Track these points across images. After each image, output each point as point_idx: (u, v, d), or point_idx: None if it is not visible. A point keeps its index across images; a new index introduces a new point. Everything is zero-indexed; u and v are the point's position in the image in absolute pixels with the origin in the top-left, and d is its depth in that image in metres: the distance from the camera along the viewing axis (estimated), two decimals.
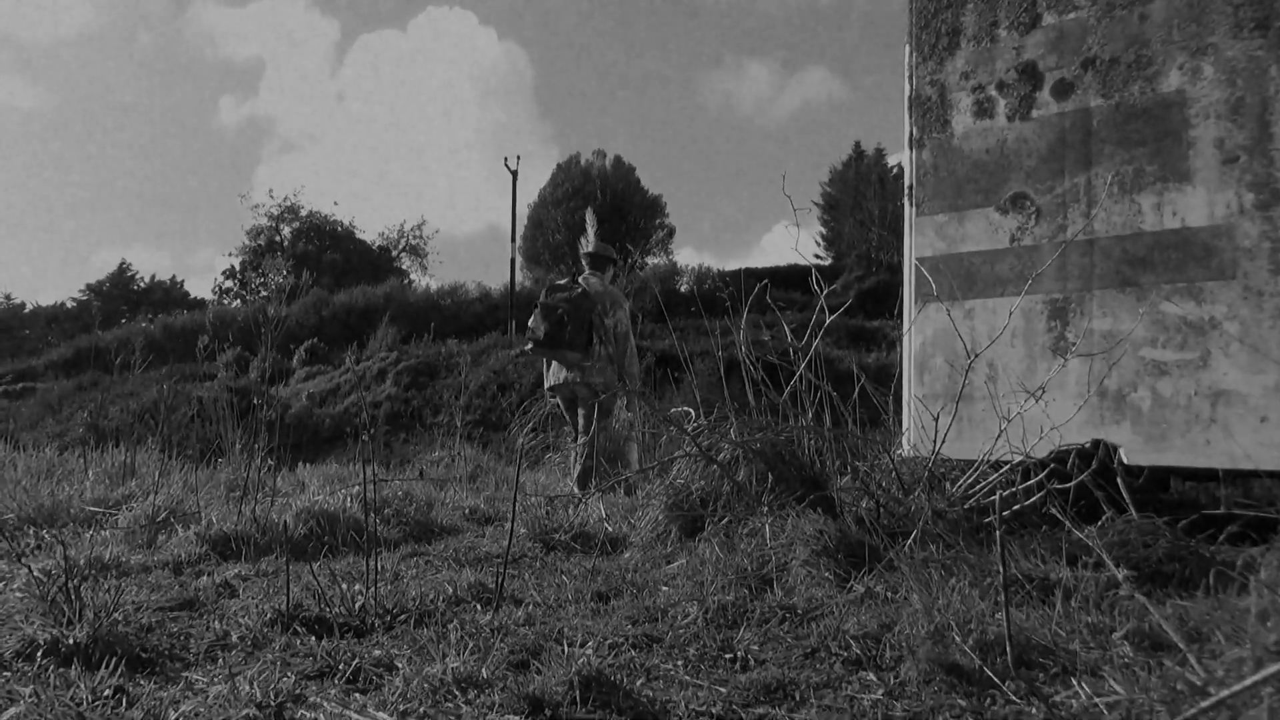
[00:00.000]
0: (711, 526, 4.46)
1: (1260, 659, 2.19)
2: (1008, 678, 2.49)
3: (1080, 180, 5.17)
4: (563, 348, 7.42)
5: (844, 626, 2.99)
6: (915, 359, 5.69)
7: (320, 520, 5.48)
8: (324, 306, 23.38)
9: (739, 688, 2.56)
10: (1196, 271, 4.81)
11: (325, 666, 2.63)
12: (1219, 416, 4.70)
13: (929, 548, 3.80)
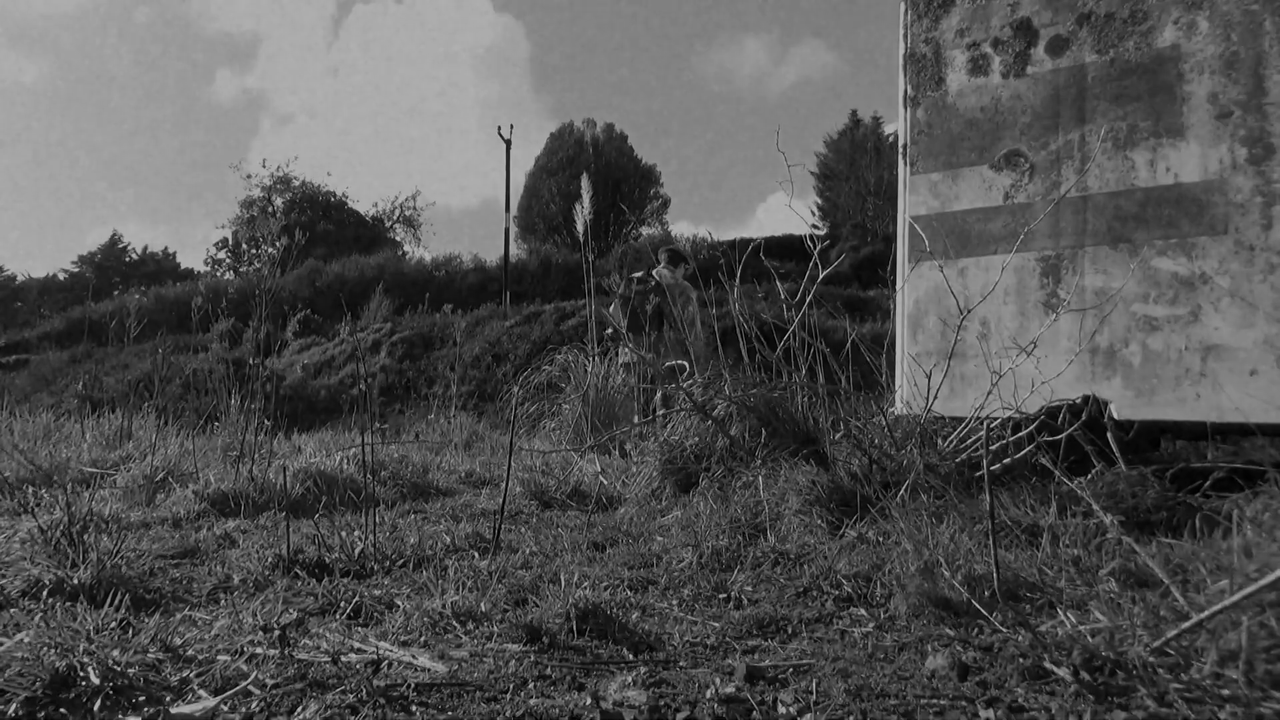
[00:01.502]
0: (706, 480, 4.51)
1: (1242, 587, 2.24)
2: (995, 610, 2.54)
3: (1074, 137, 5.17)
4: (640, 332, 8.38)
5: (835, 567, 3.05)
6: (909, 317, 5.72)
7: (318, 480, 5.52)
8: (318, 277, 23.31)
9: (733, 623, 2.61)
10: (1188, 227, 4.83)
11: (327, 604, 2.67)
12: (1209, 370, 4.75)
13: (920, 498, 3.85)
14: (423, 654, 2.15)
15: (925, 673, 2.16)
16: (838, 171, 25.23)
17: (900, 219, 5.80)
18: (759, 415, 4.87)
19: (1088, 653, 2.14)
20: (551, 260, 23.42)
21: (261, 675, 1.88)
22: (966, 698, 1.98)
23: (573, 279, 21.74)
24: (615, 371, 8.51)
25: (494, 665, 2.10)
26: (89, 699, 1.69)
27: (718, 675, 2.07)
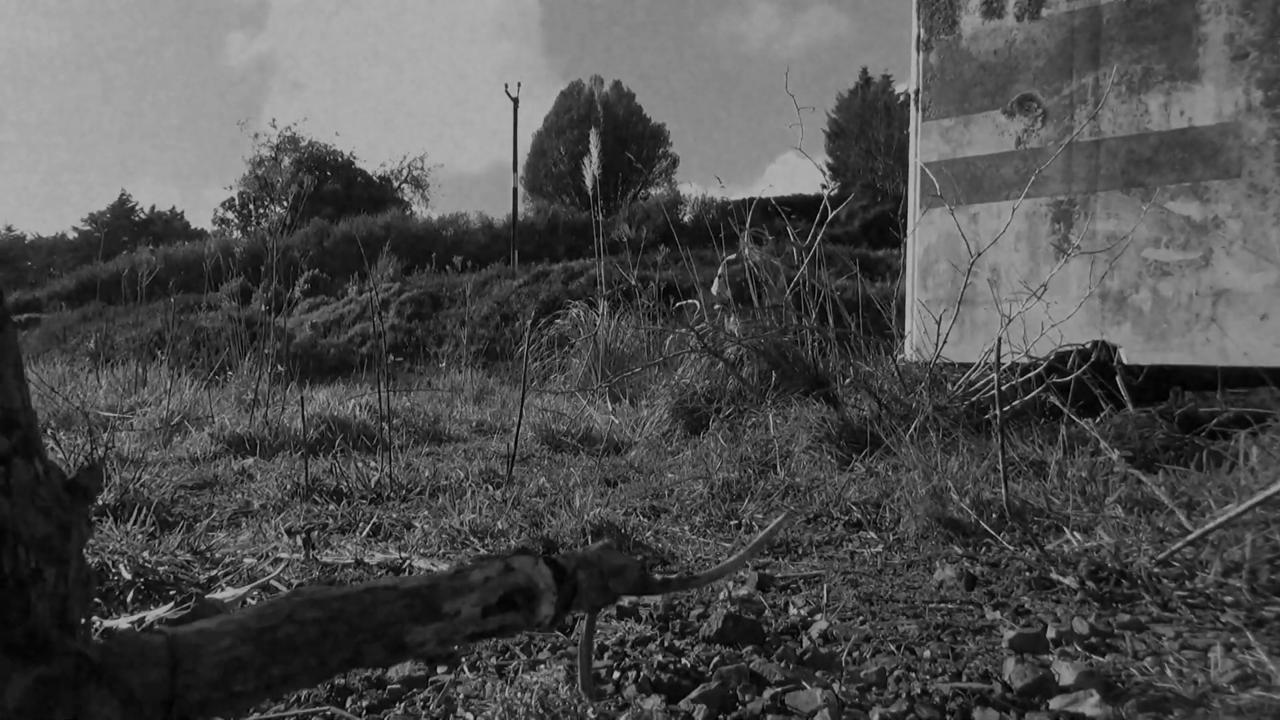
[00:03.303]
0: (716, 421, 4.56)
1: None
2: (1002, 530, 2.59)
3: (1088, 80, 5.13)
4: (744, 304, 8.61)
5: (845, 495, 3.09)
6: (919, 264, 5.72)
7: (331, 425, 5.58)
8: (325, 237, 23.28)
9: (744, 544, 2.66)
10: (1202, 171, 4.80)
11: (346, 524, 2.73)
12: (1219, 315, 4.75)
13: (929, 435, 3.88)
14: (442, 564, 2.20)
15: (933, 583, 2.21)
16: (848, 130, 24.99)
17: (911, 165, 5.78)
18: (769, 358, 4.90)
19: (1094, 564, 2.19)
20: (559, 219, 23.34)
21: (287, 575, 1.93)
22: (974, 602, 2.03)
23: (581, 238, 21.67)
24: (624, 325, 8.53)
25: None
26: (121, 592, 1.74)
27: (730, 582, 2.12)
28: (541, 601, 0.57)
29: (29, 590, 0.43)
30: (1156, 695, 1.47)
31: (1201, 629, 1.85)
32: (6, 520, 0.42)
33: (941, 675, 1.54)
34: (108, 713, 0.41)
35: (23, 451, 0.44)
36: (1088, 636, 1.76)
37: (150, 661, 0.43)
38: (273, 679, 0.46)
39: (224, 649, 0.45)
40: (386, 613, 0.50)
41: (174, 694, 0.43)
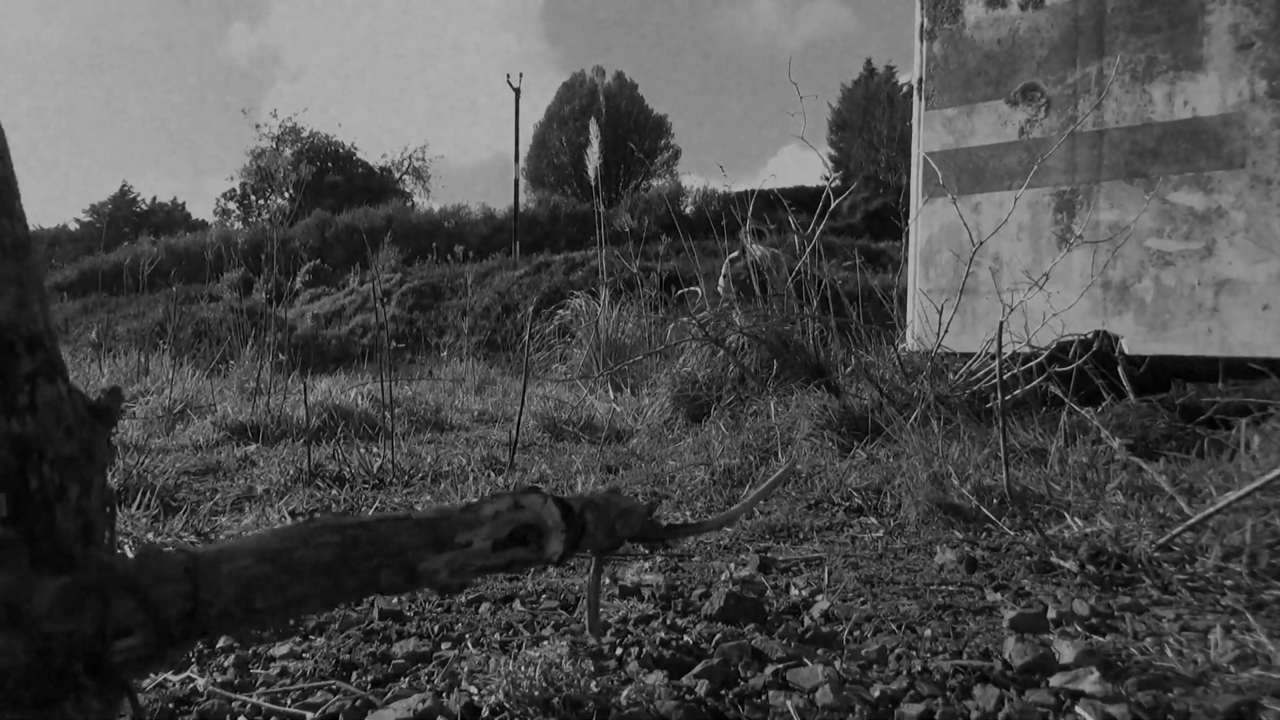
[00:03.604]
0: (717, 409, 4.57)
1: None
2: (1003, 516, 2.59)
3: (1092, 70, 5.12)
4: (748, 296, 8.65)
5: (846, 481, 3.10)
6: (921, 254, 5.72)
7: (333, 414, 5.59)
8: (327, 228, 23.27)
9: (745, 529, 2.67)
10: (1205, 161, 4.80)
11: (349, 508, 2.74)
12: (1221, 306, 4.75)
13: (930, 424, 3.88)
14: None
15: (934, 567, 2.22)
16: (851, 122, 24.93)
17: (914, 154, 5.77)
18: (770, 347, 4.90)
19: (1094, 549, 2.20)
20: (561, 210, 23.32)
21: None
22: (974, 585, 2.04)
23: (582, 229, 21.66)
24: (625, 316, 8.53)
25: None
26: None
27: (732, 563, 2.13)
28: (550, 538, 0.58)
29: (54, 507, 0.44)
30: (1156, 674, 1.48)
31: (1201, 612, 1.85)
32: (32, 438, 0.43)
33: (942, 653, 1.54)
34: (133, 621, 0.42)
35: (46, 372, 0.45)
36: (1088, 618, 1.77)
37: (172, 575, 0.44)
38: (291, 598, 0.47)
39: (243, 567, 0.46)
40: (400, 541, 0.51)
41: (196, 606, 0.43)
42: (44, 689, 0.39)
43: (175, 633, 0.43)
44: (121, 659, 0.41)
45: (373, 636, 1.56)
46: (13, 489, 0.43)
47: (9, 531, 0.42)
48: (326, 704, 1.27)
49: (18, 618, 0.38)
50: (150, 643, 0.42)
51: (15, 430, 0.43)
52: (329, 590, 0.48)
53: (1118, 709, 1.33)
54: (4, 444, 0.42)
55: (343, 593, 0.49)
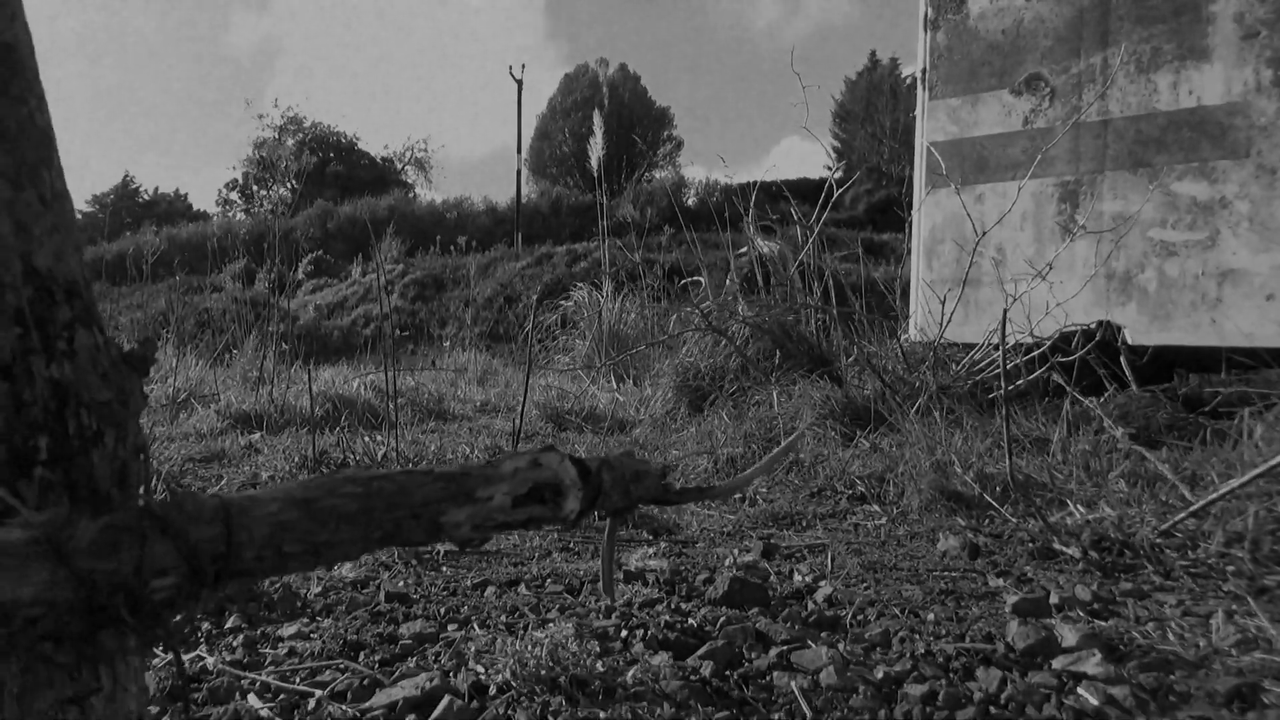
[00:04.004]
0: (720, 399, 4.57)
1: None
2: (1006, 503, 2.60)
3: (1097, 60, 5.11)
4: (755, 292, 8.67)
5: (849, 469, 3.11)
6: (924, 244, 5.71)
7: (336, 403, 5.61)
8: (329, 219, 23.25)
9: (749, 516, 2.68)
10: (1209, 151, 4.79)
11: None
12: (1224, 296, 4.75)
13: (933, 414, 3.89)
14: None
15: (937, 553, 2.23)
16: (854, 114, 24.88)
17: (918, 144, 5.76)
18: (773, 337, 4.90)
19: (1097, 535, 2.20)
20: (563, 202, 23.29)
21: None
22: (977, 571, 2.04)
23: (584, 221, 21.63)
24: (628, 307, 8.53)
25: (518, 540, 2.17)
26: None
27: (735, 550, 2.14)
28: (567, 497, 0.59)
29: (92, 451, 0.45)
30: (1158, 657, 1.49)
31: (1203, 597, 1.86)
32: (70, 383, 0.44)
33: (945, 637, 1.55)
34: (168, 561, 0.43)
35: (83, 320, 0.46)
36: (1090, 603, 1.78)
37: (206, 518, 0.45)
38: (319, 544, 0.48)
39: (273, 513, 0.47)
40: (423, 494, 0.52)
41: (228, 548, 0.45)
42: (87, 622, 0.41)
43: (209, 573, 0.44)
44: (159, 597, 0.43)
45: (379, 618, 1.57)
46: (52, 433, 0.45)
47: (49, 474, 0.44)
48: (335, 682, 1.28)
49: (60, 554, 0.40)
50: (185, 583, 0.44)
51: (54, 375, 0.44)
52: (355, 538, 0.49)
53: (1120, 690, 1.34)
54: (44, 388, 0.44)
55: (368, 542, 0.50)
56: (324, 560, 0.49)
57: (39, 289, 0.43)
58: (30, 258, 0.43)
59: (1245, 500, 2.30)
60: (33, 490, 0.43)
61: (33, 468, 0.46)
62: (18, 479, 0.44)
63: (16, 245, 0.43)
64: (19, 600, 0.40)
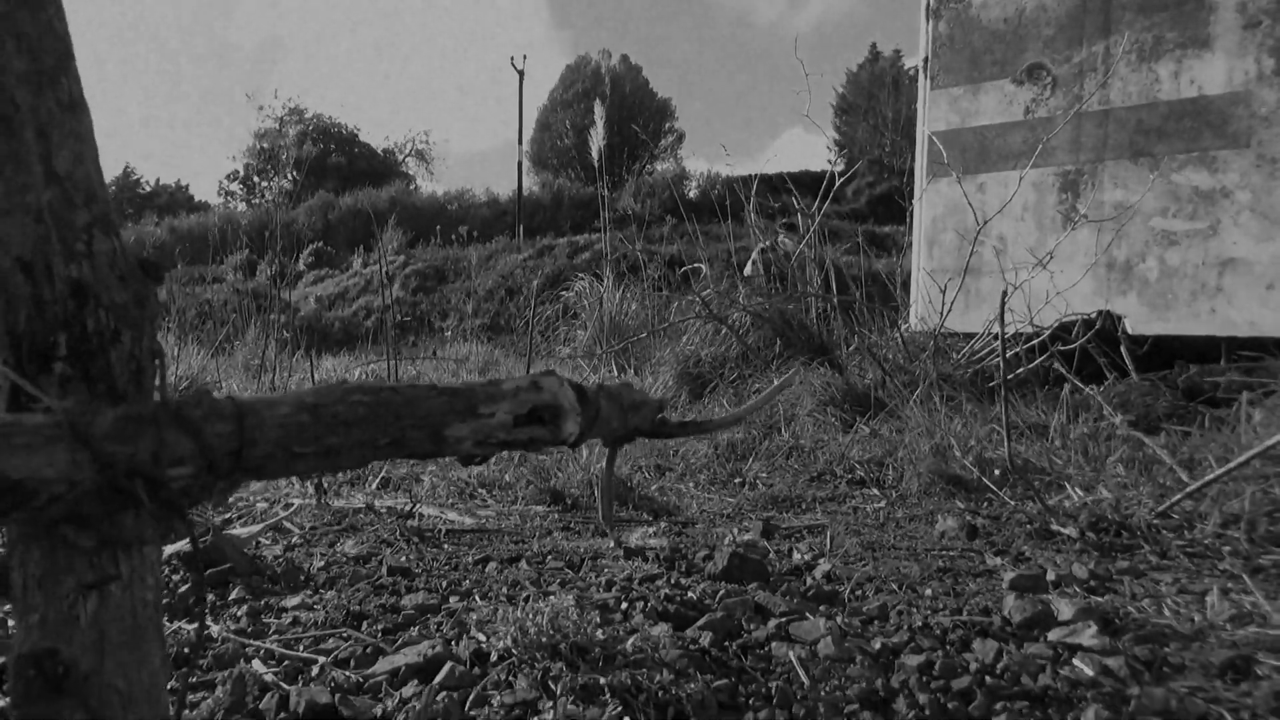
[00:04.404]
0: (720, 386, 4.59)
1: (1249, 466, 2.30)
2: (1004, 486, 2.61)
3: (1098, 49, 5.10)
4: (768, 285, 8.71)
5: (849, 454, 3.12)
6: (925, 234, 5.72)
7: None
8: (330, 210, 23.23)
9: (748, 499, 2.69)
10: (1211, 140, 4.79)
11: (355, 477, 2.76)
12: (1225, 285, 4.75)
13: (933, 400, 3.90)
14: (450, 511, 2.24)
15: (935, 534, 2.24)
16: (855, 106, 24.82)
17: (919, 134, 5.77)
18: (774, 325, 4.91)
19: (1094, 516, 2.21)
20: (564, 194, 23.25)
21: (300, 519, 1.97)
22: (975, 551, 2.06)
23: (586, 213, 21.60)
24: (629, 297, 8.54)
25: (520, 520, 2.18)
26: None
27: (735, 528, 2.16)
28: (566, 419, 0.60)
29: (110, 349, 0.47)
30: (1153, 630, 1.50)
31: (1199, 576, 1.88)
32: (89, 284, 0.46)
33: (942, 610, 1.57)
34: (185, 452, 0.44)
35: (101, 225, 0.47)
36: (1087, 580, 1.79)
37: (220, 415, 0.47)
38: (328, 447, 0.49)
39: (285, 415, 0.49)
40: (428, 406, 0.53)
41: (241, 445, 0.46)
42: (108, 505, 0.43)
43: (223, 467, 0.46)
44: (176, 486, 0.44)
45: (381, 590, 1.59)
46: (71, 330, 0.46)
47: (68, 369, 0.45)
48: (338, 650, 1.29)
49: (82, 438, 0.41)
50: (201, 474, 0.45)
51: (74, 275, 0.46)
52: (362, 444, 0.51)
53: (1114, 661, 1.35)
54: (63, 288, 0.45)
55: (375, 449, 0.51)
56: (333, 464, 0.51)
57: (59, 191, 0.45)
58: (50, 160, 0.45)
59: (1242, 483, 2.31)
60: (53, 384, 0.45)
61: (53, 363, 0.48)
62: (39, 373, 0.46)
63: (37, 148, 0.45)
64: (44, 478, 0.42)
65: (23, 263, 0.47)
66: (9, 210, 0.44)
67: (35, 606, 0.46)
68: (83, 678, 0.47)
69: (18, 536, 0.45)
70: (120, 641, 0.48)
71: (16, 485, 0.41)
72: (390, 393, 0.52)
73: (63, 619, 0.47)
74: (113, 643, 0.48)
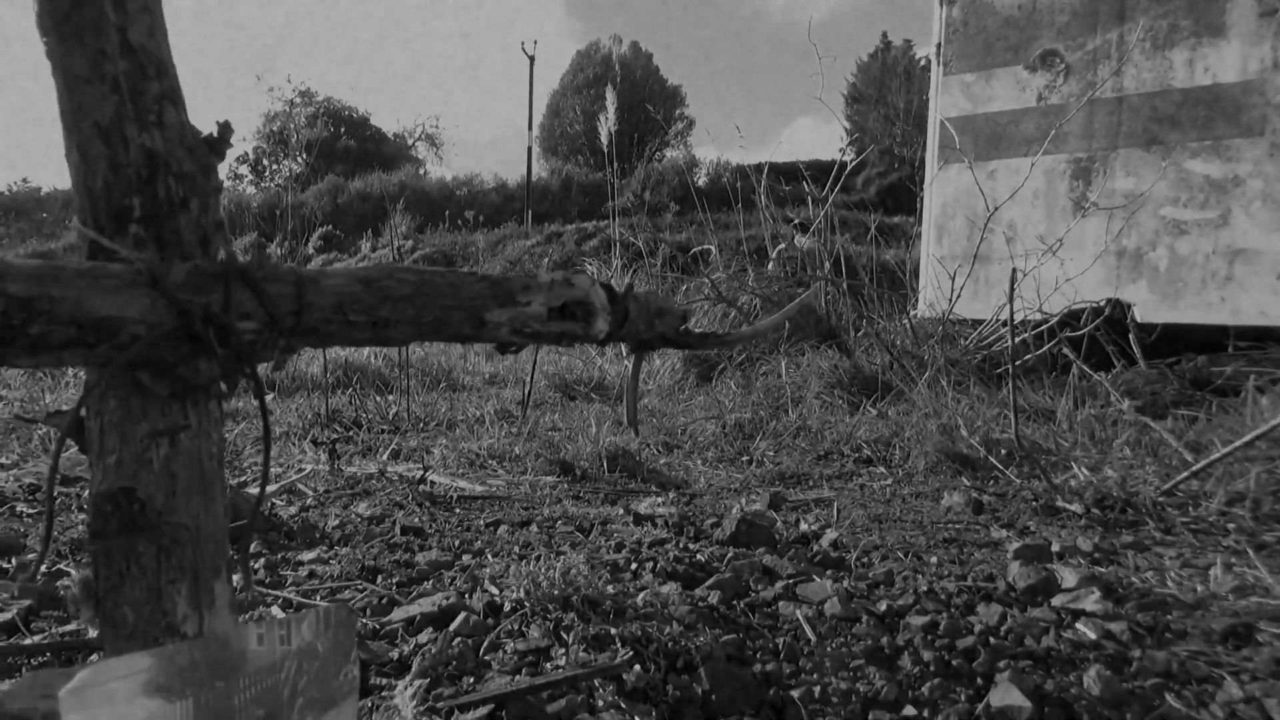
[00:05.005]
0: (729, 369, 4.61)
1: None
2: (1010, 466, 2.63)
3: (1113, 36, 5.08)
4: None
5: (856, 433, 3.14)
6: (935, 220, 5.71)
7: (347, 371, 5.65)
8: (339, 193, 23.25)
9: (756, 476, 2.71)
10: (1224, 129, 4.78)
11: (366, 448, 2.79)
12: (1236, 274, 4.74)
13: (940, 384, 3.92)
14: (461, 480, 2.26)
15: (941, 509, 2.26)
16: (866, 95, 24.70)
17: (931, 120, 5.75)
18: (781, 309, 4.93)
19: (1100, 494, 2.23)
20: (573, 180, 23.23)
21: (314, 484, 1.99)
22: (980, 524, 2.08)
23: (594, 200, 21.58)
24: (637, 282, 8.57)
25: (530, 490, 2.21)
26: None
27: (743, 499, 2.18)
28: (597, 317, 0.62)
29: (179, 215, 0.49)
30: (1156, 598, 1.52)
31: (1203, 551, 1.89)
32: (160, 152, 0.48)
33: (947, 577, 1.59)
34: (249, 307, 0.47)
35: (171, 98, 0.50)
36: (1091, 553, 1.81)
37: (281, 279, 0.49)
38: (378, 319, 0.52)
39: (339, 284, 0.52)
40: (470, 290, 0.56)
41: (300, 306, 0.48)
42: (184, 350, 0.46)
43: (285, 325, 0.48)
44: (244, 338, 0.47)
45: (395, 548, 1.62)
46: (144, 195, 0.49)
47: (142, 231, 0.48)
48: (354, 600, 1.32)
49: (158, 285, 0.44)
50: (265, 329, 0.48)
51: (146, 143, 0.49)
52: (409, 318, 0.53)
53: (1117, 625, 1.37)
54: (137, 154, 0.48)
55: (420, 325, 0.54)
56: (384, 337, 0.53)
57: (133, 62, 0.47)
58: (126, 32, 0.48)
59: (1247, 463, 2.33)
60: (128, 244, 0.48)
61: (128, 224, 0.50)
62: (114, 234, 0.49)
63: (114, 18, 0.47)
64: (126, 318, 0.45)
65: (100, 129, 0.49)
66: (88, 79, 0.46)
67: (112, 449, 0.50)
68: (156, 514, 0.50)
69: (96, 385, 0.48)
70: (189, 486, 0.52)
71: (103, 322, 0.44)
72: (434, 274, 0.55)
73: (136, 461, 0.51)
74: (182, 486, 0.51)
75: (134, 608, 0.50)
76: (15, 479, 2.02)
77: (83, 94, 0.48)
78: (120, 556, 0.50)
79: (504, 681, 1.04)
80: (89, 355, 0.44)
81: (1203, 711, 1.16)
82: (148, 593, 0.51)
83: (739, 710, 1.07)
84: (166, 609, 0.52)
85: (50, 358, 0.44)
